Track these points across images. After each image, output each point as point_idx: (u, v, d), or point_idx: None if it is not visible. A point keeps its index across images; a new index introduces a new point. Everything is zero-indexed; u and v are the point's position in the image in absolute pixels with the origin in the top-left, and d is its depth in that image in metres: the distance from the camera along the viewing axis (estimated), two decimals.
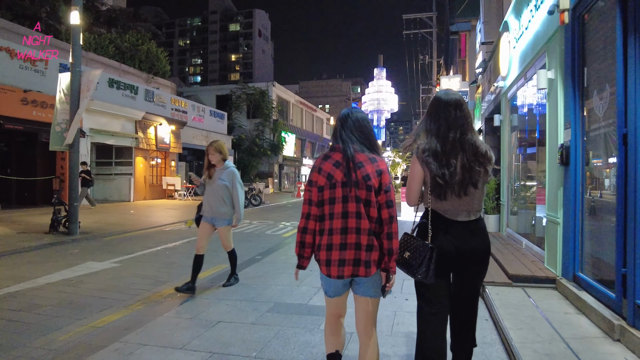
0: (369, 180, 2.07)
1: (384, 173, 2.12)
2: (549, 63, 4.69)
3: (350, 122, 2.19)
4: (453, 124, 2.13)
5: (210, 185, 4.73)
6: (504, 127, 7.79)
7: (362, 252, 2.06)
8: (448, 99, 2.18)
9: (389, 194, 2.11)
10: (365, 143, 2.17)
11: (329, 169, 2.13)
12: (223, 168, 4.75)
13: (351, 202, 2.08)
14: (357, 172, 2.08)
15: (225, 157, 4.78)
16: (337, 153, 2.16)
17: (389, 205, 2.09)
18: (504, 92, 7.72)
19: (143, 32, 23.96)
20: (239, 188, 4.74)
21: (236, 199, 4.75)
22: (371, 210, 2.08)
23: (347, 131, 2.18)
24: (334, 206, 2.10)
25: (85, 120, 16.49)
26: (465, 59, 17.36)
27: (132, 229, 10.41)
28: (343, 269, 2.07)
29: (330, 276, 2.11)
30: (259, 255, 7.03)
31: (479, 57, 13.55)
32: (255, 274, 5.73)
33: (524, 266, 4.84)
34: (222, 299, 4.59)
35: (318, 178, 2.15)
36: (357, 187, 2.07)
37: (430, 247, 2.10)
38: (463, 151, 2.10)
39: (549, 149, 4.75)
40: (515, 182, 7.17)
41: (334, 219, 2.10)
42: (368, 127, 2.22)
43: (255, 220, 12.56)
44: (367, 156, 2.13)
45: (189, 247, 8.07)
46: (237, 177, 4.76)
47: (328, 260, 2.10)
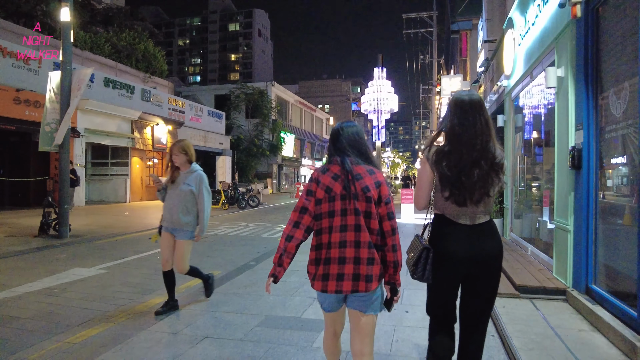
0: (368, 192, 2.04)
1: (382, 185, 2.09)
2: (559, 60, 4.42)
3: (342, 138, 2.18)
4: (480, 132, 2.05)
5: (173, 191, 4.13)
6: (508, 127, 7.52)
7: (361, 266, 2.00)
8: (471, 100, 2.10)
9: (389, 205, 2.07)
10: (360, 156, 2.15)
11: (327, 181, 2.10)
12: (189, 171, 4.16)
13: (350, 215, 2.04)
14: (355, 184, 2.05)
15: (191, 158, 4.17)
16: (335, 166, 2.13)
17: (390, 217, 2.06)
18: (507, 91, 7.45)
19: (140, 31, 23.64)
20: (205, 195, 4.14)
21: (201, 208, 4.14)
22: (372, 222, 2.04)
23: (341, 144, 2.17)
24: (332, 219, 2.06)
25: (80, 120, 16.25)
26: (466, 59, 17.08)
27: (124, 232, 10.14)
28: (342, 283, 2.01)
29: (327, 291, 2.05)
30: (253, 262, 6.76)
31: (480, 56, 13.28)
32: (247, 282, 5.45)
33: (532, 275, 4.57)
34: (211, 310, 4.31)
35: (317, 190, 2.12)
36: (356, 199, 2.04)
37: (425, 248, 2.10)
38: (485, 160, 2.04)
39: (558, 151, 4.48)
40: (520, 185, 6.90)
41: (332, 232, 2.06)
42: (361, 141, 2.20)
43: (252, 223, 12.29)
44: (365, 168, 2.10)
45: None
46: (204, 182, 4.17)
47: (325, 274, 2.05)
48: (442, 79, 16.40)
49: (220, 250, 8.01)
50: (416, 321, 3.93)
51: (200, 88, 40.07)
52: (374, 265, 2.01)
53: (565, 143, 4.19)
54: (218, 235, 9.88)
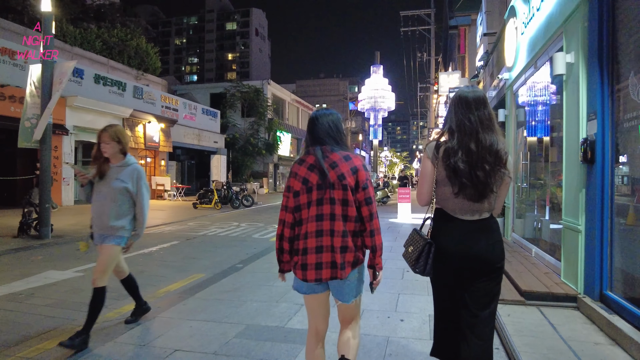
0: (344, 180, 2.05)
1: (359, 170, 2.09)
2: (567, 45, 4.06)
3: (318, 124, 2.18)
4: (486, 126, 2.05)
5: (102, 188, 3.33)
6: (509, 122, 7.15)
7: (337, 254, 2.04)
8: (475, 96, 2.10)
9: (367, 190, 2.08)
10: (335, 142, 2.16)
11: (304, 173, 2.12)
12: (122, 164, 3.36)
13: (325, 204, 2.06)
14: (331, 172, 2.06)
15: (125, 148, 3.38)
16: (310, 156, 2.15)
17: (368, 203, 2.08)
18: (509, 84, 7.09)
19: (133, 27, 23.18)
20: (144, 194, 3.39)
21: (140, 209, 3.38)
22: (349, 210, 2.06)
23: (317, 133, 2.17)
24: (308, 210, 2.09)
25: (69, 118, 15.84)
26: (464, 55, 16.73)
27: None
28: (321, 272, 2.06)
29: (307, 280, 2.08)
30: (240, 264, 6.37)
31: (479, 51, 12.93)
32: (231, 286, 5.06)
33: (537, 280, 4.20)
34: (187, 318, 3.92)
35: (294, 183, 2.14)
36: (332, 188, 2.06)
37: (427, 242, 2.10)
38: (491, 154, 2.01)
39: (566, 144, 4.12)
40: (522, 183, 6.53)
41: (308, 222, 2.09)
42: (337, 127, 2.20)
43: (244, 223, 11.90)
44: (341, 155, 2.11)
45: (165, 253, 7.41)
46: (142, 178, 3.39)
47: (304, 264, 2.08)
48: (440, 75, 16.03)
49: (208, 251, 7.62)
50: (412, 331, 3.56)
51: (195, 86, 39.61)
52: (347, 253, 2.05)
53: (575, 135, 3.83)
54: (207, 235, 9.49)
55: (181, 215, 13.89)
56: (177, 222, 12.11)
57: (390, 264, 6.18)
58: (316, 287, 2.14)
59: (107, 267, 3.40)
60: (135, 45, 21.95)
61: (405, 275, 5.51)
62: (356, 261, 2.09)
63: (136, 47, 21.95)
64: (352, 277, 2.10)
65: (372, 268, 2.14)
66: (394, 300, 4.38)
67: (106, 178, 3.35)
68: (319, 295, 2.18)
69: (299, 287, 2.19)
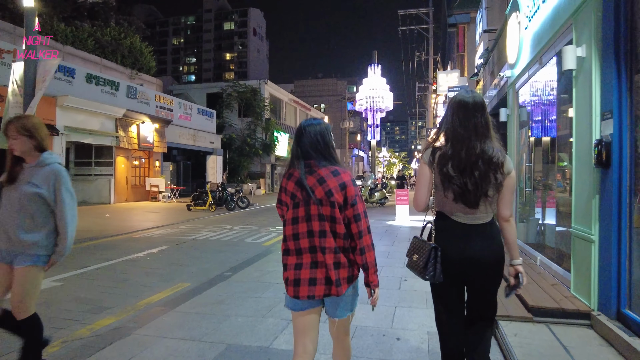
0: (332, 197, 2.00)
1: (348, 186, 2.02)
2: (578, 38, 3.74)
3: (305, 137, 2.10)
4: (480, 133, 2.05)
5: (11, 193, 2.61)
6: (512, 122, 6.84)
7: (331, 271, 1.98)
8: (475, 102, 2.09)
9: (356, 207, 2.01)
10: (320, 157, 2.08)
11: (291, 188, 2.08)
12: (38, 164, 2.65)
13: (314, 221, 2.01)
14: (319, 189, 2.01)
15: (42, 144, 2.68)
16: (297, 170, 2.08)
17: (357, 219, 2.02)
18: (511, 82, 6.77)
19: (126, 26, 22.80)
20: (66, 201, 2.66)
21: (61, 221, 2.66)
22: (337, 227, 2.01)
23: (303, 146, 2.10)
24: (297, 226, 2.04)
25: (60, 118, 15.49)
26: (463, 54, 16.43)
27: (99, 236, 9.41)
28: (314, 288, 2.00)
29: (299, 297, 2.01)
30: (228, 271, 6.04)
31: (479, 49, 12.62)
32: (216, 297, 4.73)
33: (545, 293, 3.87)
34: (165, 336, 3.59)
35: (285, 198, 2.11)
36: (320, 205, 2.00)
37: (433, 247, 2.08)
38: (483, 160, 2.02)
39: (576, 146, 3.80)
40: (526, 186, 6.20)
41: (300, 238, 2.03)
42: (324, 140, 2.10)
43: (237, 226, 11.56)
44: (329, 170, 2.04)
45: (152, 259, 7.07)
46: (64, 180, 2.66)
47: (297, 280, 2.02)
48: (439, 74, 15.73)
49: (196, 257, 7.29)
50: (409, 352, 3.23)
51: (191, 86, 39.23)
52: (340, 269, 2.01)
53: (587, 136, 3.51)
54: (198, 240, 9.16)
55: (174, 218, 13.55)
56: (169, 225, 11.77)
57: (387, 272, 5.86)
58: (309, 303, 2.07)
59: (26, 295, 2.62)
60: (129, 44, 21.58)
61: (402, 285, 5.18)
62: (351, 277, 2.05)
63: (130, 46, 21.57)
64: (348, 292, 2.06)
65: (368, 286, 2.08)
66: (389, 315, 4.05)
67: (17, 181, 2.63)
68: (310, 311, 2.09)
69: (293, 305, 2.09)
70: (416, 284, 5.19)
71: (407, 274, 5.74)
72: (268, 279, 5.53)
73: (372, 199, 18.39)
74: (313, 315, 2.09)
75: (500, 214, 2.10)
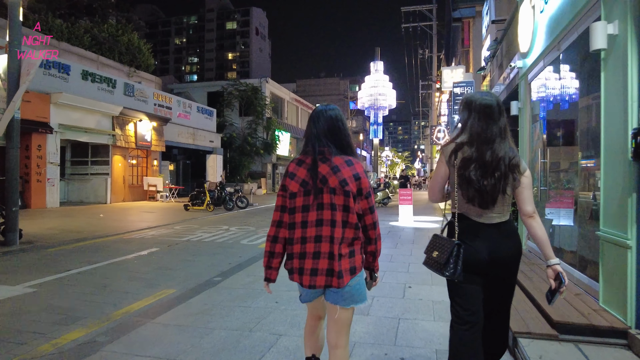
0: (347, 186, 1.96)
1: (362, 177, 2.00)
2: (608, 14, 3.27)
3: (322, 122, 2.06)
4: (503, 136, 2.08)
5: None
6: (524, 116, 6.36)
7: (335, 262, 1.94)
8: (499, 105, 2.12)
9: (370, 199, 2.02)
10: (338, 144, 2.04)
11: (303, 175, 2.01)
12: None
13: (326, 210, 1.96)
14: (332, 177, 1.96)
15: None
16: (309, 157, 2.02)
17: (372, 211, 2.02)
18: (523, 73, 6.30)
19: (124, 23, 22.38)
20: None
21: None
22: (350, 217, 1.97)
23: (320, 132, 2.04)
24: (307, 214, 1.98)
25: (54, 115, 15.11)
26: (469, 49, 15.94)
27: (89, 237, 9.00)
28: (315, 278, 1.96)
29: (302, 285, 2.01)
30: (218, 277, 5.60)
31: (485, 43, 12.14)
32: (201, 306, 4.29)
33: (570, 305, 3.41)
34: (136, 354, 3.15)
35: (291, 184, 2.03)
36: (333, 194, 1.96)
37: (456, 243, 2.06)
38: (504, 162, 2.04)
39: (605, 138, 3.34)
40: (540, 184, 5.72)
41: (307, 227, 1.98)
42: (341, 127, 2.07)
43: (234, 226, 11.13)
44: (343, 159, 2.01)
45: (140, 262, 6.65)
46: None
47: (301, 268, 2.00)
48: (443, 70, 15.24)
49: (187, 260, 6.85)
50: None
51: (192, 85, 38.87)
52: (345, 260, 1.97)
53: (620, 126, 3.05)
54: (191, 241, 8.73)
55: (170, 218, 13.14)
56: (164, 225, 11.36)
57: (390, 278, 5.40)
58: (313, 295, 2.08)
59: None
60: (127, 42, 21.17)
61: (407, 293, 4.72)
62: (354, 268, 2.00)
63: (128, 43, 21.16)
64: (351, 283, 1.99)
65: (370, 270, 2.11)
66: (393, 329, 3.60)
67: None
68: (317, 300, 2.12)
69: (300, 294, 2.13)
70: (422, 291, 4.74)
71: (411, 280, 5.28)
72: (260, 285, 5.09)
73: (374, 198, 17.93)
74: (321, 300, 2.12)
75: (523, 211, 2.09)
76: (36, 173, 14.54)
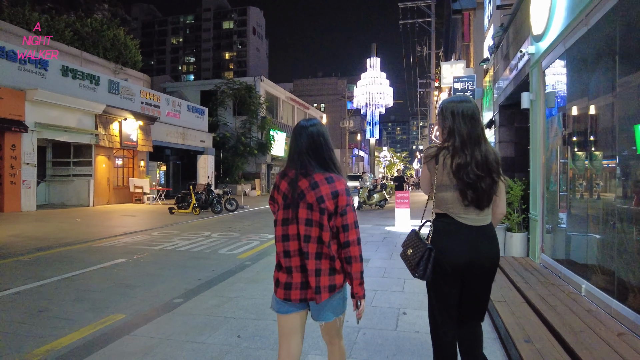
0: (322, 203, 1.94)
1: (340, 195, 1.96)
2: None
3: (304, 137, 2.05)
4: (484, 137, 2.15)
5: None
6: (536, 109, 5.53)
7: (311, 277, 1.93)
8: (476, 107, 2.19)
9: (345, 217, 1.96)
10: (320, 160, 2.02)
11: (284, 188, 2.04)
12: None
13: (301, 225, 1.96)
14: (310, 193, 1.96)
15: None
16: (292, 170, 2.03)
17: (345, 230, 1.96)
18: (536, 60, 5.47)
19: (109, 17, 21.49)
20: None
21: None
22: (324, 234, 1.95)
23: (302, 148, 2.04)
24: (288, 227, 1.99)
25: (29, 113, 14.25)
26: (469, 43, 15.11)
27: (54, 245, 8.16)
28: (290, 292, 1.97)
29: (291, 300, 1.98)
30: (180, 297, 4.75)
31: (488, 34, 11.32)
32: (144, 343, 3.43)
33: (614, 351, 2.57)
34: None
35: (277, 197, 2.07)
36: (310, 209, 1.95)
37: (428, 248, 2.11)
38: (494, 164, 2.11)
39: None
40: (560, 189, 4.87)
41: (290, 240, 1.98)
42: (322, 143, 2.05)
43: (217, 232, 10.27)
44: (324, 176, 1.99)
45: (96, 277, 5.78)
46: None
47: (288, 283, 1.98)
48: (443, 65, 14.40)
49: (151, 275, 6.01)
50: None
51: (185, 84, 38.00)
52: (322, 277, 1.94)
53: None
54: (164, 250, 7.87)
55: (151, 223, 12.29)
56: (142, 231, 10.50)
57: (382, 299, 4.56)
58: (291, 306, 2.00)
59: None
60: (112, 37, 20.28)
61: (400, 322, 3.88)
62: (333, 286, 1.95)
63: (113, 39, 20.27)
64: (330, 300, 1.96)
65: (354, 297, 1.99)
66: None
67: None
68: (296, 314, 2.03)
69: (278, 307, 2.03)
70: (419, 320, 3.90)
71: (407, 303, 4.44)
72: (225, 310, 4.24)
73: (370, 200, 17.10)
74: (298, 318, 2.04)
75: (503, 212, 2.21)
76: (10, 174, 13.66)
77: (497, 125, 8.84)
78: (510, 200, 6.06)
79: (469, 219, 2.09)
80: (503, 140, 8.63)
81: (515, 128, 8.63)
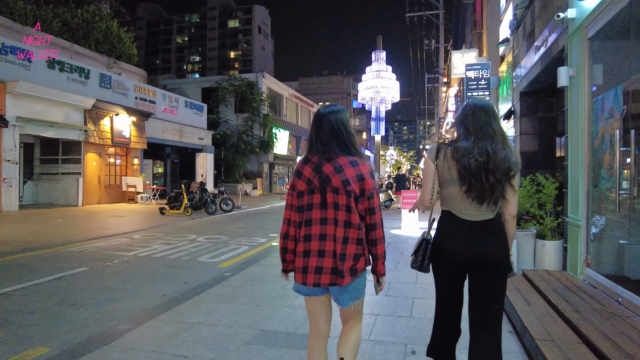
0: (349, 186, 1.96)
1: (366, 178, 1.99)
2: None
3: (324, 125, 2.07)
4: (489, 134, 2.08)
5: None
6: (578, 87, 4.44)
7: (338, 260, 1.95)
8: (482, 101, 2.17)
9: (372, 200, 2.00)
10: (342, 146, 2.04)
11: (308, 173, 2.04)
12: None
13: (329, 209, 1.98)
14: (336, 177, 1.97)
15: None
16: (315, 156, 2.05)
17: (373, 212, 2.00)
18: (577, 27, 4.39)
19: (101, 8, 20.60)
20: None
21: None
22: (352, 217, 1.97)
23: (322, 133, 2.06)
24: (311, 212, 2.01)
25: (11, 107, 13.36)
26: (482, 31, 14.01)
27: (17, 250, 7.24)
28: (320, 276, 1.97)
29: (307, 284, 1.99)
30: (126, 323, 3.73)
31: (504, 17, 10.22)
32: None
33: None
34: None
35: (299, 183, 2.06)
36: (336, 193, 1.97)
37: (424, 239, 2.17)
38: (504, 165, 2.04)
39: None
40: (613, 185, 3.77)
41: (312, 224, 2.00)
42: (343, 129, 2.06)
43: (204, 235, 9.28)
44: (348, 159, 2.01)
45: (39, 294, 4.77)
46: None
47: (305, 267, 1.99)
48: (453, 54, 13.29)
49: (109, 289, 5.01)
50: None
51: (185, 80, 37.20)
52: (346, 261, 1.95)
53: None
54: (138, 257, 6.89)
55: (137, 224, 11.35)
56: (122, 234, 9.55)
57: (384, 330, 3.52)
58: (316, 289, 2.02)
59: None
60: (104, 29, 19.38)
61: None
62: (355, 269, 1.97)
63: (105, 31, 19.37)
64: (352, 283, 1.99)
65: (375, 274, 2.08)
66: None
67: None
68: (319, 297, 2.07)
69: (300, 289, 2.06)
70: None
71: (417, 334, 3.39)
72: (178, 344, 3.22)
73: None
74: (323, 299, 2.08)
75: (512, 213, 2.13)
76: None
77: (518, 115, 7.75)
78: (543, 200, 4.99)
79: (470, 214, 2.08)
80: (525, 133, 7.54)
81: (538, 118, 7.53)
